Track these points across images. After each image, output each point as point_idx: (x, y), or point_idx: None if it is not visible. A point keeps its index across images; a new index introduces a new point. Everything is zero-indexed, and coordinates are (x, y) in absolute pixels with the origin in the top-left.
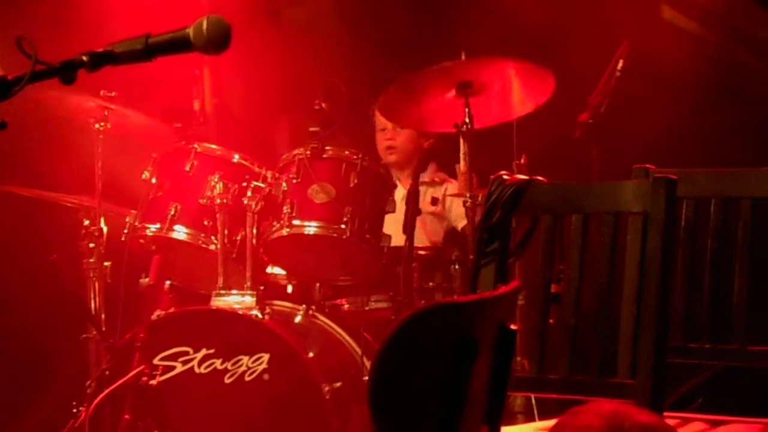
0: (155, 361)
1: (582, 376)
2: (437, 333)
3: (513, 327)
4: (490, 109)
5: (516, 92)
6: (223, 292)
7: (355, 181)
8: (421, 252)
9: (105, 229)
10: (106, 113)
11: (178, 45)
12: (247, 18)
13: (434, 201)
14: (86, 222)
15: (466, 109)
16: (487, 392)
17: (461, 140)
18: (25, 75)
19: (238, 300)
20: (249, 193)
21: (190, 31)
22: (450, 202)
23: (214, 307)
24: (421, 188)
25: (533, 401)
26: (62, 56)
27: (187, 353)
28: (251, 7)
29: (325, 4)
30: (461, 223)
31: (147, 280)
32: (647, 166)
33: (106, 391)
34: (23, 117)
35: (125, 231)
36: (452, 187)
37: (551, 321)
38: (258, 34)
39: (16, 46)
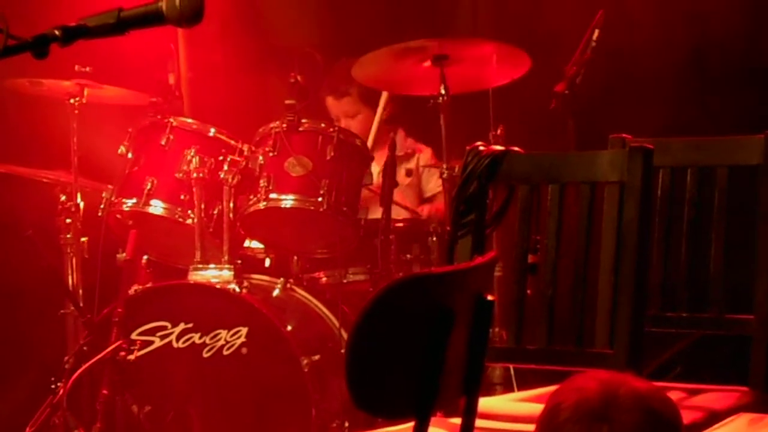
0: (133, 336)
1: (560, 346)
2: (414, 304)
3: (490, 298)
4: (465, 78)
5: (492, 66)
6: (200, 266)
7: (332, 153)
8: (399, 224)
9: (81, 204)
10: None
11: (151, 18)
12: None
13: (408, 173)
14: (63, 197)
15: (442, 84)
16: (465, 363)
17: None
18: None
19: (216, 274)
20: (225, 167)
21: (163, 3)
22: (423, 173)
23: (191, 282)
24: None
25: (512, 372)
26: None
27: (165, 328)
28: None
29: None
30: (436, 191)
31: (124, 255)
32: (623, 135)
33: (84, 367)
34: None
35: (102, 206)
36: (424, 156)
37: (528, 291)
38: (232, 6)
39: None
